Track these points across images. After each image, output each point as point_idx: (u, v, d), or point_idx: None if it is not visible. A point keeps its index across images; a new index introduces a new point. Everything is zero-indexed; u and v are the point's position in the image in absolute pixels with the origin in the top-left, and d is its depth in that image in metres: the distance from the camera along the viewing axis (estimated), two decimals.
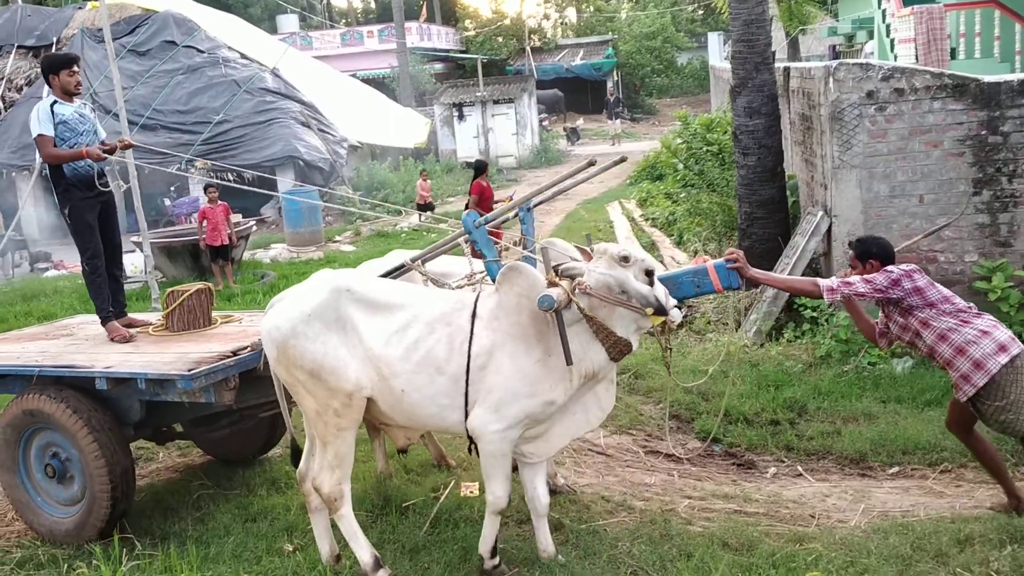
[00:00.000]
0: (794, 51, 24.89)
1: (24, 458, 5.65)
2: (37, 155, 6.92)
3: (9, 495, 5.78)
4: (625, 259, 4.31)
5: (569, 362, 4.17)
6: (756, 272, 4.76)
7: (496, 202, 12.73)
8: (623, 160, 5.45)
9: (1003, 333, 4.67)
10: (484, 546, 4.60)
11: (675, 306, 4.37)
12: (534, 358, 4.26)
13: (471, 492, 5.70)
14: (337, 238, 18.51)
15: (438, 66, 40.94)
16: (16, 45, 24.45)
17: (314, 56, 33.25)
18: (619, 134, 34.55)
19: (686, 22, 48.05)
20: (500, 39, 44.53)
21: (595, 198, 20.79)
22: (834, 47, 25.05)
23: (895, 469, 5.97)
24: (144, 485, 6.38)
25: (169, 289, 6.26)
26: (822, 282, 4.85)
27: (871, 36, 17.70)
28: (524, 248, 5.09)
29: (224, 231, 13.28)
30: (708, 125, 13.97)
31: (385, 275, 5.21)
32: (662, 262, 11.85)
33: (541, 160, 29.68)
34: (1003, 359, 4.55)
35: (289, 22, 41.64)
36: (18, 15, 24.96)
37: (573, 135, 35.66)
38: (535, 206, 5.32)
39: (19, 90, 23.32)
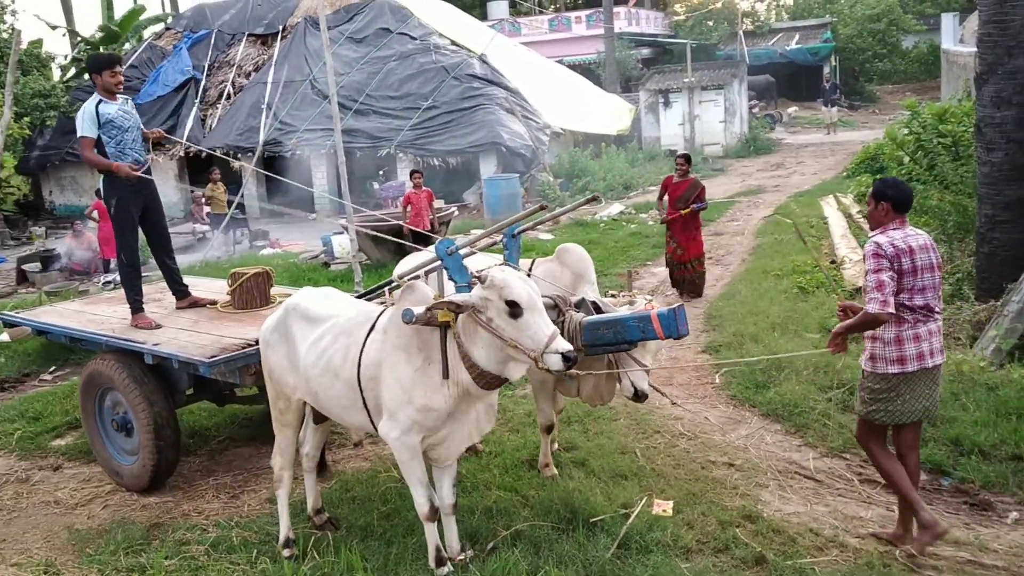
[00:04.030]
0: None
1: (100, 412, 6.57)
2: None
3: (92, 444, 6.68)
4: (479, 279, 4.20)
5: (445, 375, 4.33)
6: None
7: (690, 199, 10.77)
8: (595, 199, 5.79)
9: (914, 349, 4.72)
10: (430, 557, 4.68)
11: (561, 352, 3.98)
12: (413, 367, 4.43)
13: (664, 511, 5.31)
14: (536, 226, 18.42)
15: (645, 51, 40.19)
16: (247, 33, 26.05)
17: (522, 42, 33.44)
18: (835, 122, 32.67)
19: (914, 2, 44.69)
20: (711, 23, 43.15)
21: (808, 191, 19.64)
22: None
23: None
24: (334, 471, 6.42)
25: (233, 270, 6.96)
26: (868, 308, 4.66)
27: None
28: None
29: (427, 216, 13.45)
30: (941, 115, 12.70)
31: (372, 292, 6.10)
32: None
33: (749, 149, 28.47)
34: (893, 370, 4.75)
35: (499, 8, 42.16)
36: (249, 5, 26.58)
37: (770, 120, 33.87)
38: (518, 233, 5.45)
39: (247, 76, 24.82)
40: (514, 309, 4.06)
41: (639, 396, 5.05)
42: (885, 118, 33.22)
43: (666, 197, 10.90)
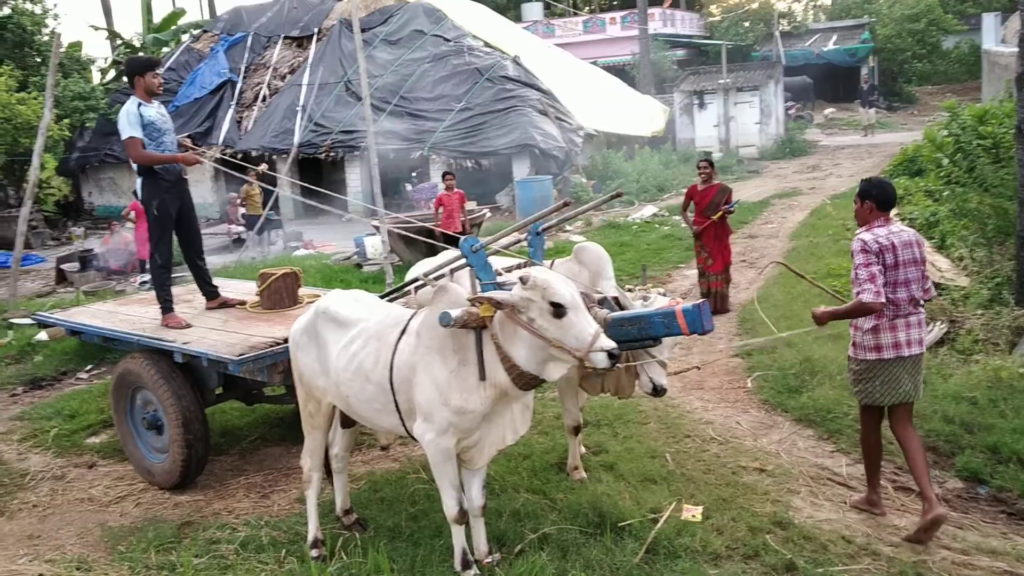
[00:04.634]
0: None
1: (131, 411, 6.69)
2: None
3: (123, 443, 6.80)
4: (523, 280, 4.16)
5: (482, 377, 4.33)
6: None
7: (720, 204, 10.35)
8: (618, 195, 5.92)
9: (889, 338, 5.06)
10: (455, 559, 4.70)
11: (606, 350, 3.99)
12: (448, 369, 4.42)
13: (693, 516, 5.26)
14: (568, 227, 18.38)
15: (680, 52, 39.97)
16: (283, 36, 26.27)
17: (556, 43, 33.40)
18: (873, 124, 32.19)
19: (955, 2, 43.96)
20: (747, 24, 42.79)
21: (844, 192, 19.38)
22: None
23: None
24: (363, 472, 6.45)
25: (261, 271, 7.06)
26: (863, 298, 4.92)
27: None
28: None
29: (458, 218, 13.45)
30: (981, 116, 12.49)
31: (396, 291, 5.92)
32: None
33: (785, 151, 28.16)
34: (871, 356, 5.12)
35: (534, 10, 42.17)
36: (284, 8, 26.81)
37: (803, 121, 33.39)
38: (542, 231, 5.52)
39: (282, 78, 25.02)
40: (558, 310, 4.05)
41: (658, 391, 5.05)
42: (924, 120, 32.74)
43: (692, 205, 10.65)
